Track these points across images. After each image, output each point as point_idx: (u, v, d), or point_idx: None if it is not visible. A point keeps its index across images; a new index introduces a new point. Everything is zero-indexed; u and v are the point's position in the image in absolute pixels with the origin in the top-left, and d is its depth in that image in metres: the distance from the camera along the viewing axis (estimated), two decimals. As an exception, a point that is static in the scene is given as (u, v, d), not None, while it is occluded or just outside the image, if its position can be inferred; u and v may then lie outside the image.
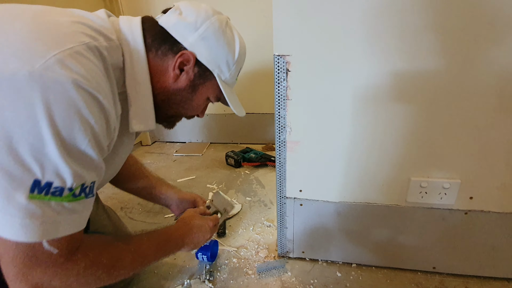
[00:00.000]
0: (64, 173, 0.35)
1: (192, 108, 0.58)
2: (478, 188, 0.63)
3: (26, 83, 0.32)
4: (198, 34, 0.50)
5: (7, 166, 0.32)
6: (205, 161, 1.60)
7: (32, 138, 0.33)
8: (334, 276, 0.76)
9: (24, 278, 0.36)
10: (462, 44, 0.53)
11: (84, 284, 0.41)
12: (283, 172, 0.72)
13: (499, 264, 0.70)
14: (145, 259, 0.51)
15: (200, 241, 0.65)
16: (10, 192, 0.33)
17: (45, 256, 0.37)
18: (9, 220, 0.33)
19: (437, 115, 0.59)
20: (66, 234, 0.38)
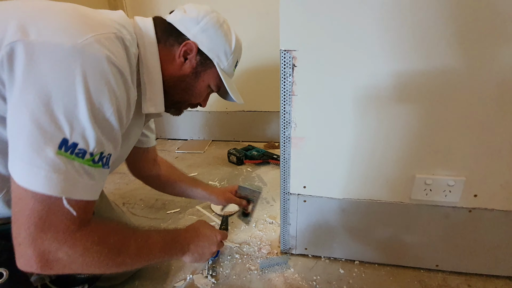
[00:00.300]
0: (89, 136, 0.39)
1: (195, 94, 0.63)
2: (483, 186, 0.63)
3: (69, 53, 0.38)
4: (199, 26, 0.58)
5: (42, 122, 0.36)
6: (207, 159, 1.60)
7: (67, 99, 0.37)
8: (337, 273, 0.76)
9: (33, 243, 0.38)
10: (468, 43, 0.53)
11: (88, 264, 0.42)
12: (287, 168, 0.72)
13: (502, 263, 0.70)
14: (150, 254, 0.52)
15: (205, 252, 0.63)
16: (41, 145, 0.36)
17: (59, 219, 0.39)
18: (35, 171, 0.36)
19: (442, 113, 0.59)
20: (82, 198, 0.40)
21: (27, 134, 0.36)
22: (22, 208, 0.37)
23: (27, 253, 0.38)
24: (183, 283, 0.74)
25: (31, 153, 0.36)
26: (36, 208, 0.37)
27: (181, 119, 1.90)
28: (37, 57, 0.37)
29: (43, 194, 0.37)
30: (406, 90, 0.59)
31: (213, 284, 0.73)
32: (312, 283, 0.73)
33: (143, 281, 0.75)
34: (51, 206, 0.38)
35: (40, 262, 0.38)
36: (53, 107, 0.37)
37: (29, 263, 0.38)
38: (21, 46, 0.37)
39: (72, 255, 0.40)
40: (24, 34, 0.37)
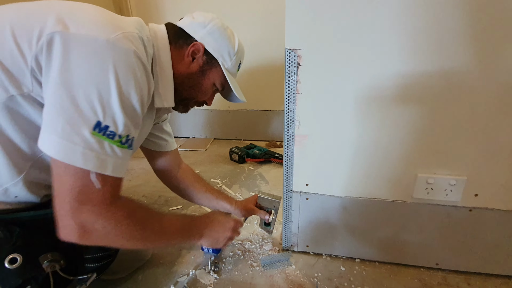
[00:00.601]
0: (118, 120, 0.44)
1: (201, 91, 0.68)
2: (484, 186, 0.64)
3: (104, 46, 0.43)
4: (206, 30, 0.63)
5: (80, 105, 0.41)
6: (209, 156, 1.61)
7: (101, 86, 0.42)
8: (338, 270, 0.77)
9: (74, 216, 0.43)
10: (472, 44, 0.53)
11: (120, 235, 0.47)
12: (290, 166, 0.73)
13: (502, 262, 0.71)
14: (170, 234, 0.57)
15: (219, 237, 0.68)
16: (79, 125, 0.41)
17: (95, 194, 0.44)
18: (72, 147, 0.41)
19: (445, 113, 0.60)
20: (112, 174, 0.45)
21: (67, 114, 0.41)
22: (64, 184, 0.42)
23: (69, 224, 0.43)
24: (186, 278, 0.75)
25: (70, 132, 0.41)
26: (76, 184, 0.42)
27: (183, 117, 1.91)
28: (76, 47, 0.42)
29: (81, 170, 0.42)
30: (410, 91, 0.59)
31: (215, 280, 0.74)
32: (314, 280, 0.74)
33: (146, 275, 0.76)
34: (89, 183, 0.43)
35: (79, 232, 0.44)
36: (89, 93, 0.41)
37: (70, 233, 0.44)
38: (62, 36, 0.41)
39: (106, 226, 0.45)
40: (64, 26, 0.42)
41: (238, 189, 1.23)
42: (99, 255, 0.57)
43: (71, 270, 0.52)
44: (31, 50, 0.42)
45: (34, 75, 0.43)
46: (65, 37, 0.41)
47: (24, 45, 0.42)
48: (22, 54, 0.42)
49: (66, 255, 0.51)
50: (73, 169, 0.42)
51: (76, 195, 0.43)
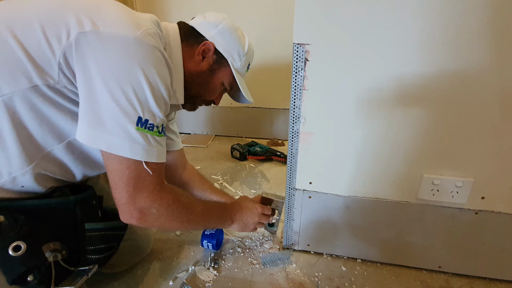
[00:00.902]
0: (155, 113, 0.48)
1: (210, 90, 0.69)
2: (491, 188, 0.63)
3: (133, 44, 0.45)
4: (217, 29, 0.65)
5: (122, 104, 0.44)
6: (210, 153, 1.60)
7: (135, 82, 0.45)
8: (339, 270, 0.76)
9: (133, 202, 0.49)
10: (484, 45, 0.52)
11: (170, 217, 0.54)
12: (294, 163, 0.72)
13: (507, 267, 0.70)
14: (210, 217, 0.64)
15: (248, 222, 0.74)
16: (124, 122, 0.45)
17: (148, 182, 0.49)
18: (122, 142, 0.45)
19: (453, 114, 0.59)
20: (158, 160, 0.50)
21: (112, 112, 0.44)
22: (120, 177, 0.47)
23: (130, 209, 0.49)
24: (185, 274, 0.74)
25: (117, 128, 0.45)
26: (131, 175, 0.48)
27: (185, 113, 1.90)
28: (107, 46, 0.44)
29: (134, 162, 0.47)
30: (418, 92, 0.58)
31: (215, 276, 0.73)
32: (314, 279, 0.73)
33: (145, 270, 0.75)
34: (141, 172, 0.48)
35: (139, 215, 0.50)
36: (127, 90, 0.44)
37: (131, 217, 0.50)
38: (93, 36, 0.44)
39: (160, 209, 0.52)
40: (94, 25, 0.44)
41: (239, 187, 1.22)
42: (101, 246, 0.56)
43: (73, 260, 0.52)
44: (61, 45, 0.43)
45: (62, 69, 0.44)
46: (97, 37, 0.44)
47: (52, 38, 0.43)
48: (51, 47, 0.43)
49: (68, 245, 0.51)
50: (127, 161, 0.46)
51: (133, 185, 0.48)
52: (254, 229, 0.76)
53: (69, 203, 0.52)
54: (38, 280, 0.47)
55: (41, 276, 0.47)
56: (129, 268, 0.74)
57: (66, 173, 0.54)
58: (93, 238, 0.54)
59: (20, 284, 0.47)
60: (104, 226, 0.56)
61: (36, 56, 0.43)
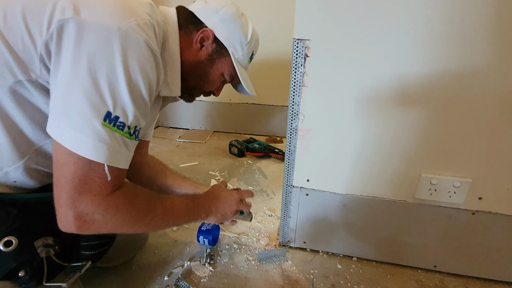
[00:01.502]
0: (128, 111, 0.43)
1: (209, 81, 0.65)
2: (488, 189, 0.63)
3: (115, 34, 0.41)
4: (218, 16, 0.60)
5: (90, 95, 0.40)
6: (208, 149, 1.60)
7: (111, 76, 0.41)
8: (335, 268, 0.76)
9: (73, 206, 0.42)
10: (485, 47, 0.52)
11: (120, 223, 0.46)
12: (292, 160, 0.71)
13: (502, 267, 0.70)
14: (175, 217, 0.57)
15: (226, 212, 0.69)
16: (89, 117, 0.40)
17: (96, 184, 0.43)
18: (84, 139, 0.40)
19: (452, 114, 0.58)
20: (120, 166, 0.44)
21: (79, 105, 0.40)
22: (64, 173, 0.41)
23: (68, 214, 0.42)
24: (180, 269, 0.74)
25: (82, 123, 0.40)
26: (77, 173, 0.41)
27: (183, 108, 1.89)
28: (88, 35, 0.40)
29: (85, 160, 0.41)
30: (418, 91, 0.58)
31: (210, 272, 0.73)
32: (309, 276, 0.73)
33: (140, 264, 0.75)
34: (90, 172, 0.42)
35: (79, 223, 0.42)
36: (99, 82, 0.40)
37: (69, 224, 0.42)
38: (73, 23, 0.40)
39: (106, 215, 0.44)
40: (76, 11, 0.41)
41: (236, 183, 1.21)
42: (95, 242, 0.55)
43: (65, 256, 0.51)
44: (41, 36, 0.40)
45: (43, 62, 0.42)
46: (77, 24, 0.40)
47: (34, 30, 0.41)
48: (33, 40, 0.41)
49: (61, 241, 0.50)
50: (77, 158, 0.41)
51: (75, 185, 0.41)
52: (233, 222, 0.74)
53: None
54: (30, 275, 0.46)
55: (32, 272, 0.47)
56: (124, 262, 0.74)
57: None
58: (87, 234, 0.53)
59: (11, 280, 0.46)
60: None
61: (18, 50, 0.41)
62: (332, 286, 0.70)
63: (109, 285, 0.69)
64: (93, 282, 0.69)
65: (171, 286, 0.68)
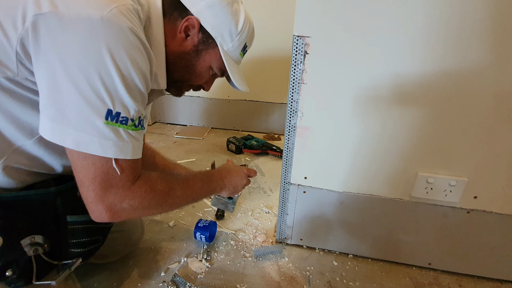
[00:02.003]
0: (128, 104, 0.43)
1: (195, 74, 0.61)
2: (484, 188, 0.64)
3: (98, 26, 0.39)
4: (205, 2, 0.54)
5: (88, 96, 0.39)
6: (205, 145, 1.59)
7: (103, 72, 0.40)
8: (331, 265, 0.77)
9: (101, 200, 0.44)
10: (482, 47, 0.52)
11: (147, 207, 0.49)
12: (289, 157, 0.71)
13: (495, 265, 0.71)
14: (193, 193, 0.59)
15: (238, 184, 0.72)
16: (91, 117, 0.40)
17: (117, 179, 0.45)
18: (90, 139, 0.41)
19: (449, 114, 0.59)
20: (131, 157, 0.45)
21: (77, 106, 0.39)
22: (86, 174, 0.43)
23: (98, 208, 0.45)
24: (177, 265, 0.74)
25: (84, 123, 0.40)
26: (97, 173, 0.43)
27: (181, 104, 1.88)
28: (69, 30, 0.38)
29: (102, 159, 0.42)
30: (416, 91, 0.58)
31: (207, 268, 0.73)
32: (306, 273, 0.74)
33: (137, 260, 0.75)
34: (109, 170, 0.44)
35: (110, 213, 0.46)
36: (93, 81, 0.39)
37: (101, 216, 0.46)
38: (50, 18, 0.38)
39: (133, 204, 0.47)
40: (53, 5, 0.38)
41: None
42: (85, 240, 0.54)
43: (55, 254, 0.50)
44: (16, 32, 0.38)
45: (20, 59, 0.40)
46: (54, 19, 0.38)
47: (7, 24, 0.38)
48: (6, 36, 0.38)
49: (50, 239, 0.49)
50: (93, 158, 0.42)
51: (99, 183, 0.44)
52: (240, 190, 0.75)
53: (49, 194, 0.49)
54: (18, 274, 0.45)
55: (20, 271, 0.46)
56: (120, 259, 0.74)
57: (43, 166, 0.50)
58: (76, 231, 0.52)
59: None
60: (87, 218, 0.50)
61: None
62: (328, 283, 0.71)
63: (105, 281, 0.69)
64: (88, 278, 0.69)
65: (168, 282, 0.68)
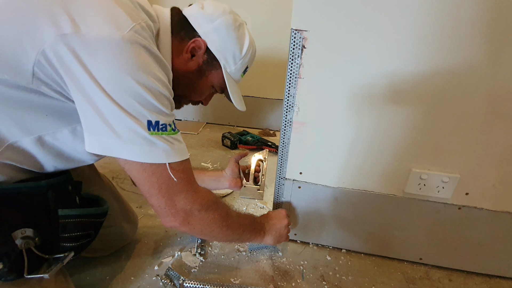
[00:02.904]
0: (162, 113, 0.45)
1: (196, 92, 0.65)
2: (475, 185, 0.65)
3: (121, 47, 0.41)
4: (213, 25, 0.58)
5: (129, 110, 0.42)
6: (200, 140, 1.58)
7: (132, 87, 0.42)
8: (324, 260, 0.77)
9: (174, 205, 0.48)
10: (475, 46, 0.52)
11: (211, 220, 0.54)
12: (285, 152, 0.71)
13: (484, 260, 0.73)
14: (243, 224, 0.62)
15: (279, 228, 0.70)
16: (137, 129, 0.43)
17: (180, 183, 0.48)
18: (140, 148, 0.43)
19: (442, 112, 0.59)
20: (182, 159, 0.48)
21: (122, 121, 0.42)
22: (151, 185, 0.46)
23: (172, 212, 0.49)
24: (171, 259, 0.73)
25: (133, 136, 0.43)
26: (161, 180, 0.46)
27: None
28: (96, 51, 0.40)
29: (158, 167, 0.45)
30: (410, 88, 0.58)
31: (201, 262, 0.73)
32: (299, 268, 0.74)
33: (130, 254, 0.74)
34: (170, 177, 0.46)
35: (181, 218, 0.50)
36: (127, 97, 0.42)
37: (174, 220, 0.50)
38: (75, 40, 0.39)
39: (200, 210, 0.51)
40: (74, 25, 0.39)
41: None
42: (76, 234, 0.53)
43: (46, 248, 0.49)
44: (34, 49, 0.39)
45: (36, 75, 0.40)
46: (79, 41, 0.39)
47: (25, 41, 0.39)
48: (24, 52, 0.39)
49: (42, 232, 0.48)
50: (150, 168, 0.45)
51: (166, 190, 0.47)
52: (287, 237, 0.73)
53: (40, 187, 0.48)
54: (9, 268, 0.44)
55: (11, 264, 0.45)
56: (113, 252, 0.73)
57: (34, 165, 0.49)
58: (68, 225, 0.51)
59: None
60: (79, 212, 0.52)
61: (5, 55, 0.39)
62: (321, 277, 0.72)
63: (98, 275, 0.68)
64: (80, 272, 0.68)
65: (161, 276, 0.68)
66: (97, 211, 0.56)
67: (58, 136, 0.47)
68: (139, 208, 0.93)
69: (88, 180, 0.68)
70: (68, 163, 0.52)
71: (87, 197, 0.59)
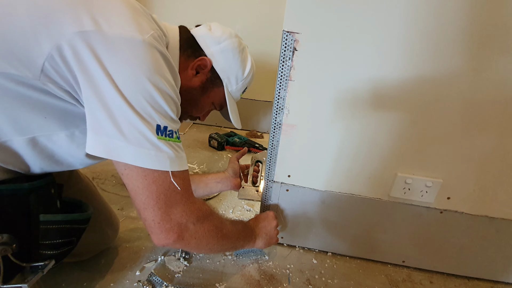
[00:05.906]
0: (171, 119, 0.45)
1: (197, 107, 0.66)
2: (457, 189, 0.67)
3: (141, 48, 0.41)
4: (219, 47, 0.61)
5: (141, 111, 0.41)
6: (187, 141, 1.55)
7: (147, 90, 0.41)
8: (310, 263, 0.77)
9: (169, 219, 0.46)
10: (462, 54, 0.54)
11: (207, 233, 0.52)
12: (274, 155, 0.71)
13: (463, 263, 0.75)
14: (237, 232, 0.61)
15: (268, 230, 0.70)
16: (145, 132, 0.42)
17: (179, 195, 0.46)
18: (148, 153, 0.42)
19: (426, 118, 0.61)
20: (183, 168, 0.47)
21: (132, 122, 0.41)
22: (149, 195, 0.44)
23: (167, 227, 0.46)
24: (153, 264, 0.71)
25: (141, 138, 0.41)
26: (160, 190, 0.44)
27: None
28: (115, 49, 0.40)
29: (162, 174, 0.43)
30: (396, 95, 0.60)
31: (185, 267, 0.71)
32: (286, 271, 0.74)
33: (110, 259, 0.71)
34: (170, 185, 0.45)
35: (177, 233, 0.47)
36: (141, 98, 0.41)
37: (169, 236, 0.46)
38: (96, 36, 0.39)
39: (196, 224, 0.49)
40: (95, 23, 0.39)
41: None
42: (58, 241, 0.50)
43: (24, 255, 0.45)
44: (50, 43, 0.38)
45: (45, 71, 0.39)
46: (101, 39, 0.39)
47: (40, 35, 0.38)
48: (39, 45, 0.38)
49: (19, 238, 0.45)
50: (152, 175, 0.43)
51: (164, 201, 0.45)
52: (277, 239, 0.72)
53: (22, 190, 0.45)
54: None
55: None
56: (92, 257, 0.69)
57: (20, 165, 0.47)
58: (49, 232, 0.48)
59: None
60: (62, 218, 0.49)
61: (16, 47, 0.38)
62: (307, 281, 0.71)
63: (75, 282, 0.64)
64: (56, 278, 0.64)
65: (143, 282, 0.65)
66: (81, 216, 0.52)
67: (54, 139, 0.45)
68: (120, 210, 0.90)
69: (68, 181, 0.64)
70: (57, 166, 0.49)
71: (68, 201, 0.56)
